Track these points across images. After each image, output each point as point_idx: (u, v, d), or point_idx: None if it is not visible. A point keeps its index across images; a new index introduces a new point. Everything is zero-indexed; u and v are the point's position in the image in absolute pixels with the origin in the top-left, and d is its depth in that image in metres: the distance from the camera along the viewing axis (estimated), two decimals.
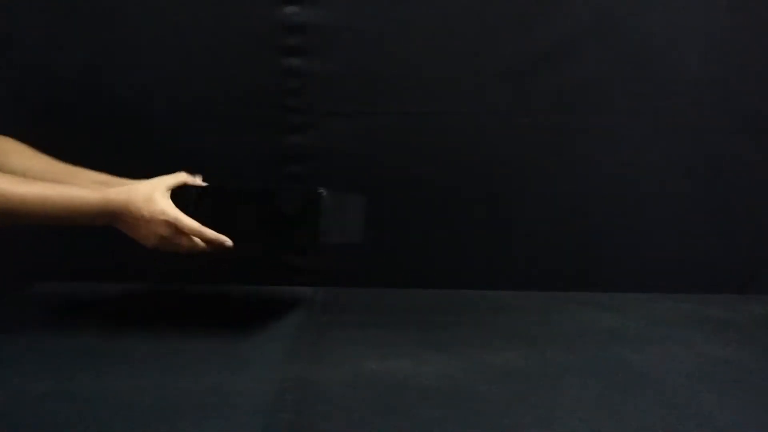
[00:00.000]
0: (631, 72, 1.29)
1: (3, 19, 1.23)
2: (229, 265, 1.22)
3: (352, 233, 1.10)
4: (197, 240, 0.93)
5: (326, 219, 0.95)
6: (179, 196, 0.96)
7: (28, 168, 1.06)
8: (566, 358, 0.95)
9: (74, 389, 0.82)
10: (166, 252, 0.94)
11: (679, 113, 1.31)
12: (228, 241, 0.95)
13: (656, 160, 1.32)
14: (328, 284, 1.30)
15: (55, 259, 1.28)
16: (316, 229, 0.94)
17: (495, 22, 1.27)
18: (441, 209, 1.32)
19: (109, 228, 1.27)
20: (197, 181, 1.00)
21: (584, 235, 1.33)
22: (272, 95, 1.28)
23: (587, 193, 1.33)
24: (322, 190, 0.95)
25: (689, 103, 1.30)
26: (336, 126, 1.28)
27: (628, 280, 1.33)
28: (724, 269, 1.34)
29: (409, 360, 0.93)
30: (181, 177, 0.97)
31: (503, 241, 1.33)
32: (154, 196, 0.92)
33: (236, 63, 1.26)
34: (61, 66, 1.25)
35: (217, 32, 1.26)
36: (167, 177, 0.96)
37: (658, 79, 1.30)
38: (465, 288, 1.29)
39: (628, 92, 1.30)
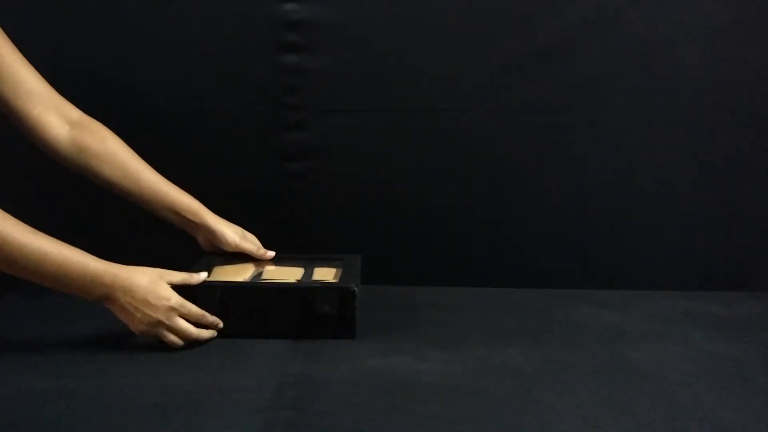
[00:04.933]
0: (631, 70, 1.29)
1: (7, 16, 1.23)
2: None
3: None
4: (191, 330, 0.93)
5: (359, 310, 1.00)
6: (202, 295, 0.97)
7: (125, 168, 1.07)
8: (566, 355, 0.95)
9: (74, 387, 0.82)
10: (148, 340, 0.93)
11: (679, 111, 1.30)
12: (220, 324, 0.97)
13: (656, 158, 1.32)
14: None
15: None
16: (353, 324, 0.99)
17: (494, 20, 1.27)
18: (441, 207, 1.32)
19: (108, 226, 1.27)
20: (201, 276, 0.98)
21: (584, 232, 1.33)
22: (271, 92, 1.27)
23: (587, 191, 1.32)
24: (355, 288, 0.99)
25: (689, 100, 1.30)
26: (335, 123, 1.28)
27: (628, 277, 1.33)
28: (724, 266, 1.34)
29: (409, 357, 0.93)
30: (184, 277, 0.96)
31: (503, 238, 1.33)
32: (158, 282, 0.92)
33: (235, 60, 1.26)
34: (61, 65, 1.25)
35: (216, 29, 1.25)
36: (172, 272, 0.95)
37: (658, 77, 1.29)
38: (465, 285, 1.29)
39: (628, 90, 1.30)
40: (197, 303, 0.96)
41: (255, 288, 1.04)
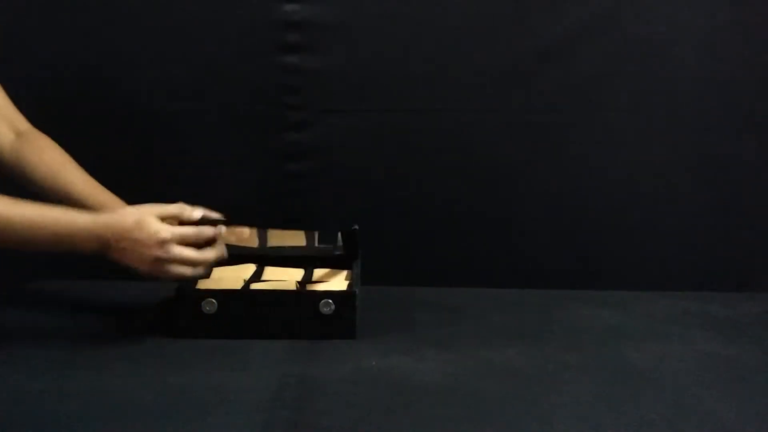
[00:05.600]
0: (632, 70, 1.29)
1: (7, 16, 1.23)
2: None
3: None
4: (193, 256, 0.92)
5: (359, 310, 1.00)
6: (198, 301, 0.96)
7: (71, 187, 1.06)
8: (566, 355, 0.95)
9: (73, 387, 0.82)
10: (158, 278, 0.92)
11: (679, 112, 1.30)
12: (222, 230, 0.95)
13: (656, 159, 1.32)
14: None
15: (54, 256, 1.28)
16: (353, 324, 0.99)
17: (495, 20, 1.27)
18: (441, 207, 1.32)
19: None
20: (197, 213, 0.96)
21: (584, 233, 1.33)
22: (271, 92, 1.27)
23: (587, 191, 1.32)
24: (355, 288, 1.00)
25: (689, 101, 1.30)
26: (335, 123, 1.28)
27: (628, 277, 1.32)
28: (724, 267, 1.34)
29: (409, 357, 0.93)
30: (176, 210, 0.94)
31: (503, 238, 1.33)
32: (145, 218, 0.90)
33: (235, 60, 1.26)
34: (61, 64, 1.25)
35: (217, 29, 1.26)
36: (162, 205, 0.93)
37: (658, 78, 1.29)
38: (465, 286, 1.29)
39: (629, 91, 1.30)
40: (194, 308, 0.96)
41: (255, 290, 1.04)
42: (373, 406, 0.79)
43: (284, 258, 1.18)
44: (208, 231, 0.94)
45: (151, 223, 0.90)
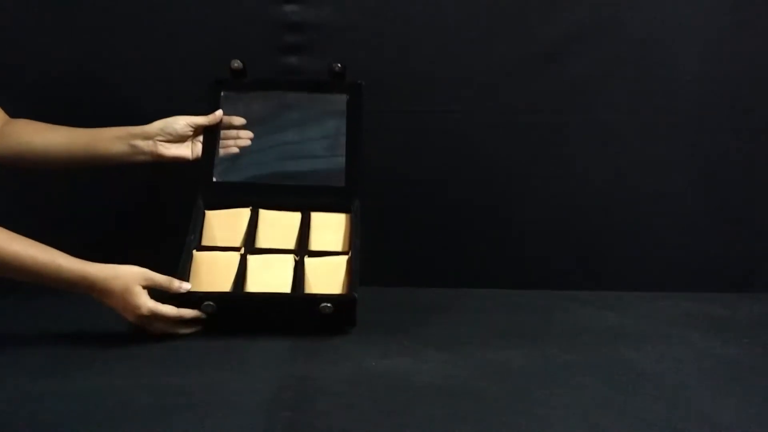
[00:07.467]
0: (632, 71, 1.29)
1: (5, 16, 1.23)
2: None
3: None
4: (168, 331, 0.96)
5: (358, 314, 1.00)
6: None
7: (51, 143, 1.07)
8: (566, 356, 0.95)
9: (73, 388, 0.82)
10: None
11: (679, 112, 1.30)
12: (200, 316, 0.97)
13: (656, 159, 1.32)
14: None
15: None
16: (352, 322, 1.00)
17: (495, 21, 1.27)
18: (441, 208, 1.32)
19: (105, 228, 1.27)
20: (184, 287, 0.98)
21: (584, 234, 1.33)
22: None
23: (587, 192, 1.32)
24: (355, 294, 1.00)
25: (689, 102, 1.30)
26: None
27: (628, 278, 1.32)
28: (724, 267, 1.34)
29: (409, 358, 0.93)
30: (163, 281, 0.96)
31: (504, 239, 1.33)
32: (131, 288, 0.93)
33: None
34: (58, 64, 1.25)
35: (216, 30, 1.25)
36: (152, 276, 0.95)
37: (658, 79, 1.29)
38: (465, 287, 1.29)
39: (629, 91, 1.30)
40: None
41: (250, 295, 1.03)
42: (373, 406, 0.79)
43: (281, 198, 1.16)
44: (188, 313, 0.96)
45: (138, 294, 0.93)
